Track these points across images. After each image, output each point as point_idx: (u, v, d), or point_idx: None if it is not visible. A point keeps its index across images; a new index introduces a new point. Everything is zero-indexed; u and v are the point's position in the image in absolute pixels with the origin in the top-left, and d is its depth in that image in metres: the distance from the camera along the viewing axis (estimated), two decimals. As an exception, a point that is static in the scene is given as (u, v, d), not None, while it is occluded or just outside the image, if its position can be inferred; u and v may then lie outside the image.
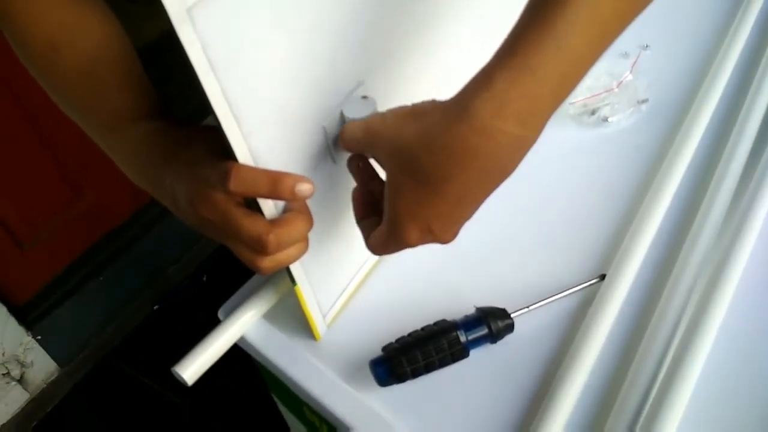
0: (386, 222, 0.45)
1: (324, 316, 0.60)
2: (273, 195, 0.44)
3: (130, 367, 1.60)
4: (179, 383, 0.57)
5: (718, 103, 0.72)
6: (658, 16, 0.85)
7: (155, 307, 1.71)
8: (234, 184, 0.43)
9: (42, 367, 1.55)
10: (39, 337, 1.51)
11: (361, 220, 0.51)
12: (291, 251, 0.47)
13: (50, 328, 1.54)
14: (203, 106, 0.40)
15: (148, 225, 1.67)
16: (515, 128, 0.39)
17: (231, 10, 0.38)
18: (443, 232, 0.44)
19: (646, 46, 0.81)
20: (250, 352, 0.62)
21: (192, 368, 0.56)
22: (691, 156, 0.68)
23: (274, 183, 0.44)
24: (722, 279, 0.57)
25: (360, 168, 0.50)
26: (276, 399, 0.73)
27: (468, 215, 0.44)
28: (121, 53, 0.55)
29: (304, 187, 0.44)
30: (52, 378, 1.58)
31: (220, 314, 0.62)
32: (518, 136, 0.39)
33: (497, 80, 0.38)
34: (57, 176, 1.47)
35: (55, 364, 1.58)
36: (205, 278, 1.76)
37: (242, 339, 0.61)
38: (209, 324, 0.60)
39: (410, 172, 0.41)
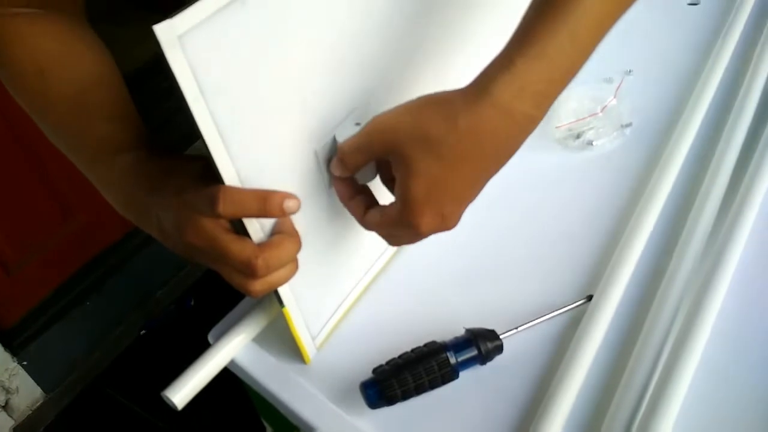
0: (399, 207, 0.46)
1: (314, 339, 0.60)
2: (262, 213, 0.45)
3: (116, 393, 1.58)
4: (166, 408, 0.56)
5: (700, 126, 0.74)
6: (640, 41, 0.87)
7: (142, 332, 1.70)
8: (222, 207, 0.43)
9: (27, 393, 1.53)
10: (24, 363, 1.50)
11: (350, 200, 0.51)
12: (281, 273, 0.48)
13: (36, 354, 1.52)
14: (191, 132, 0.41)
15: (136, 249, 1.67)
16: (531, 109, 0.43)
17: (221, 37, 0.39)
18: (453, 216, 0.47)
19: (629, 71, 0.83)
20: (239, 375, 0.62)
21: (182, 392, 0.56)
22: (675, 178, 0.69)
23: (263, 201, 0.45)
24: (707, 297, 0.58)
25: (344, 183, 0.51)
26: (266, 424, 0.73)
27: (473, 198, 0.47)
28: (109, 83, 0.56)
29: (291, 203, 0.46)
30: (38, 404, 1.56)
31: (210, 338, 0.62)
32: (532, 116, 0.43)
33: (518, 65, 0.42)
34: (45, 199, 1.47)
35: (41, 389, 1.56)
36: (192, 302, 1.75)
37: (232, 362, 0.60)
38: (197, 348, 0.59)
39: (435, 156, 0.43)
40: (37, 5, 0.54)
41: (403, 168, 0.45)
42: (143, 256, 1.68)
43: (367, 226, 0.51)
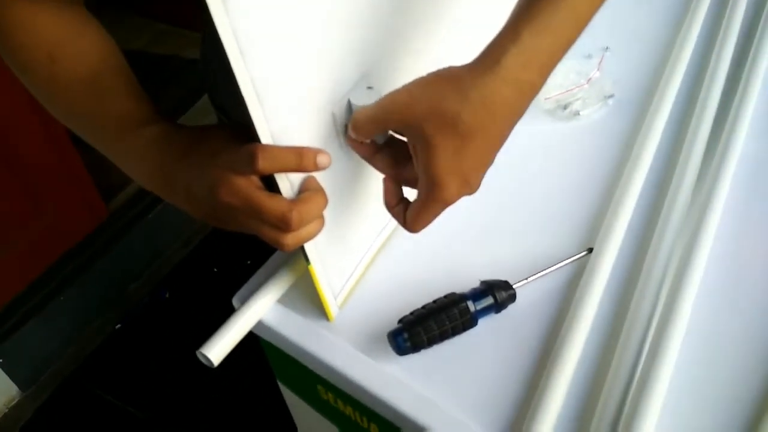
0: (424, 186, 0.49)
1: (336, 297, 0.63)
2: (298, 168, 0.48)
3: (94, 387, 1.57)
4: (144, 400, 0.58)
5: (677, 93, 0.80)
6: (614, 20, 0.93)
7: (117, 326, 1.69)
8: (262, 163, 0.46)
9: (3, 391, 1.51)
10: (0, 360, 1.48)
11: (393, 207, 0.54)
12: (311, 227, 0.51)
13: (11, 351, 1.50)
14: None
15: (108, 242, 1.66)
16: (536, 78, 0.47)
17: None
18: (477, 181, 0.50)
19: (606, 48, 0.88)
20: (266, 336, 0.64)
21: (216, 349, 0.58)
22: (658, 140, 0.75)
23: (299, 156, 0.48)
24: (696, 245, 0.64)
25: (364, 144, 0.54)
26: (284, 387, 0.75)
27: (492, 161, 0.50)
28: (118, 64, 0.57)
29: (323, 158, 0.49)
30: (14, 402, 1.54)
31: (235, 301, 0.65)
32: (535, 85, 0.47)
33: (525, 38, 0.46)
34: (16, 193, 1.45)
35: (17, 387, 1.54)
36: (167, 294, 1.75)
37: (259, 323, 0.63)
38: (174, 340, 0.60)
39: (452, 130, 0.46)
40: None
41: (422, 144, 0.47)
42: (116, 248, 1.66)
43: (402, 217, 0.54)
